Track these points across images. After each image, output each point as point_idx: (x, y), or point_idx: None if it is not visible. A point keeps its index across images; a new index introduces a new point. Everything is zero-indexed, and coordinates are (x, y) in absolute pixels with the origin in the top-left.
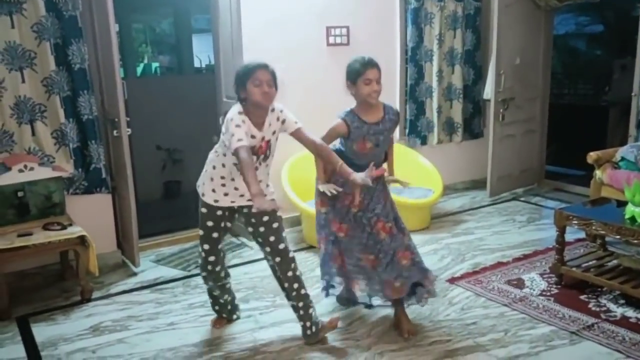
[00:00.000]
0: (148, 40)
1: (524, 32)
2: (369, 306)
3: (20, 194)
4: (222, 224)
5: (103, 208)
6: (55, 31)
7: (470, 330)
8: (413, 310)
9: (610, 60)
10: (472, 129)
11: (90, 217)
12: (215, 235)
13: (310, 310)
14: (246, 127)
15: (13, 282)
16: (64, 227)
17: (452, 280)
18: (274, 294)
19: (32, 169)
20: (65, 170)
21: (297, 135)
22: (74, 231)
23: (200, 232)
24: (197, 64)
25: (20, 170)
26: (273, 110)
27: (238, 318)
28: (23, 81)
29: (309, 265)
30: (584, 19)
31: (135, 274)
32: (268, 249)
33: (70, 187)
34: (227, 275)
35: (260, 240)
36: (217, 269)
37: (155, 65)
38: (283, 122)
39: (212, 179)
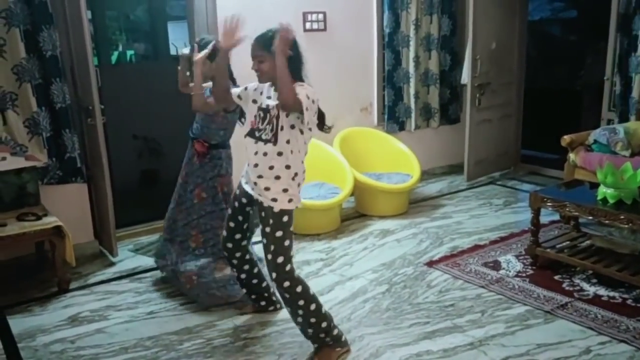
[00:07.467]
0: (122, 27)
1: (499, 17)
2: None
3: None
4: (246, 210)
5: (79, 198)
6: (25, 17)
7: (449, 312)
8: (393, 292)
9: (583, 45)
10: (449, 114)
11: (66, 207)
12: (240, 217)
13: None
14: (245, 89)
15: None
16: (38, 218)
17: (431, 264)
18: None
19: (4, 158)
20: (38, 159)
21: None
22: (49, 221)
23: (229, 211)
24: (172, 52)
25: None
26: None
27: (275, 309)
28: None
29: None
30: (559, 5)
31: (113, 264)
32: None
33: (45, 176)
34: (252, 260)
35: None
36: (241, 245)
37: (130, 52)
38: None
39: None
